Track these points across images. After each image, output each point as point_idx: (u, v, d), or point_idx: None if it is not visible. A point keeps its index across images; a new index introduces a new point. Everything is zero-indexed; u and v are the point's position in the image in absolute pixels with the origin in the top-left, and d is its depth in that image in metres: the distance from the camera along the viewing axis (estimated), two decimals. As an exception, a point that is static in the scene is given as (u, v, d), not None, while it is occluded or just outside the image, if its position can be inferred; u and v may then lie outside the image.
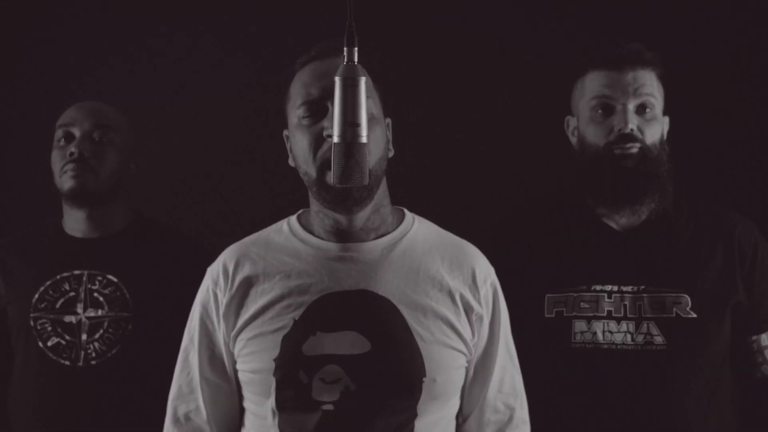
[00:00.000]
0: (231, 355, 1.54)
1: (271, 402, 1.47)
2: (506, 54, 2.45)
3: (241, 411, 1.57)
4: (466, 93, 2.48)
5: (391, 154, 1.56)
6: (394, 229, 1.56)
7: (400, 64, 2.48)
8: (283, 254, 1.54)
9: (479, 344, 1.55)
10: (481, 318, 1.54)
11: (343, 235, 1.53)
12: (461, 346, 1.51)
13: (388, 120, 1.57)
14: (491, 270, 1.59)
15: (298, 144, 1.50)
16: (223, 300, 1.53)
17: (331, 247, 1.53)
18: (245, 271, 1.54)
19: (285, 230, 1.58)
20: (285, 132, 1.57)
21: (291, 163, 1.56)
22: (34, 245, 2.09)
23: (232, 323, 1.53)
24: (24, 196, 2.49)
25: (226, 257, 1.58)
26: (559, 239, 1.90)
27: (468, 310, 1.53)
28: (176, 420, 1.58)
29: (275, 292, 1.50)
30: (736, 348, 1.91)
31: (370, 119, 1.44)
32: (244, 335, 1.51)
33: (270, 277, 1.52)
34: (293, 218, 1.61)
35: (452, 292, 1.52)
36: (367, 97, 1.44)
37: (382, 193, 1.54)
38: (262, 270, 1.53)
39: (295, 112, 1.50)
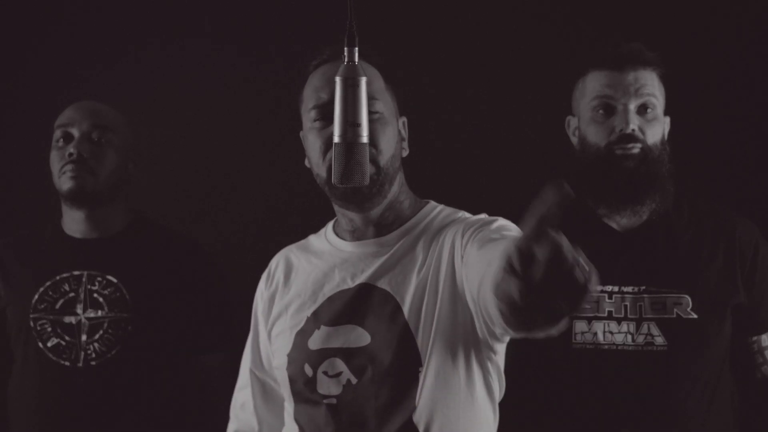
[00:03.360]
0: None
1: (288, 395, 1.54)
2: (506, 54, 2.44)
3: None
4: (466, 93, 2.48)
5: (405, 152, 1.57)
6: (407, 222, 1.56)
7: (399, 63, 2.47)
8: (312, 255, 1.60)
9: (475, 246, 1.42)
10: (472, 231, 1.44)
11: (359, 233, 1.56)
12: (460, 328, 1.45)
13: (404, 119, 1.59)
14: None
15: (311, 147, 1.54)
16: (265, 297, 1.62)
17: (345, 245, 1.57)
18: (281, 271, 1.62)
19: (322, 233, 1.64)
20: (301, 133, 1.59)
21: (307, 164, 1.59)
22: (34, 246, 2.09)
23: (268, 321, 1.60)
24: (23, 197, 2.49)
25: (274, 258, 1.66)
26: (560, 239, 1.89)
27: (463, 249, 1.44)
28: (234, 408, 1.68)
29: (296, 291, 1.57)
30: (736, 348, 1.91)
31: (378, 119, 1.48)
32: (273, 332, 1.59)
33: (297, 278, 1.59)
34: (332, 221, 1.65)
35: (452, 256, 1.46)
36: (376, 99, 1.47)
37: (397, 189, 1.55)
38: (294, 270, 1.60)
39: (308, 116, 1.53)
